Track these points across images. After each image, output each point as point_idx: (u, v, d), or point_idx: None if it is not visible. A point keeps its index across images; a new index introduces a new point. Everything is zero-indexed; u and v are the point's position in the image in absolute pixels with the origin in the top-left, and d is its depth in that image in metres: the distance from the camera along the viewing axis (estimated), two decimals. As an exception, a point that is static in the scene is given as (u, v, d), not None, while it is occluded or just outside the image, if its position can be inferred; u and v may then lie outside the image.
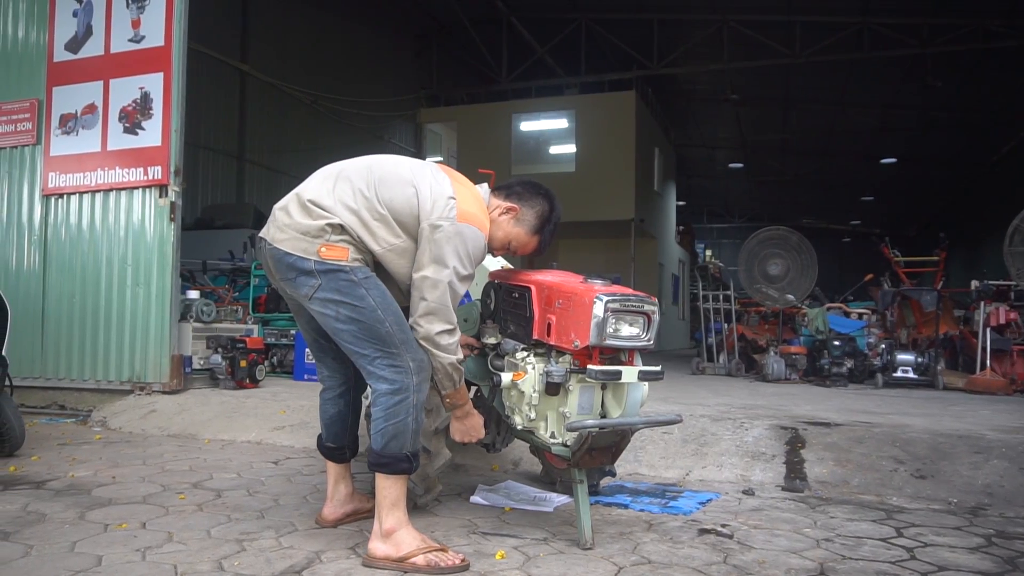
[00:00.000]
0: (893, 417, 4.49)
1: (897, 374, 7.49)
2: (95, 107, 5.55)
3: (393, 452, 2.25)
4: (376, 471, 2.28)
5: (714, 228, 34.69)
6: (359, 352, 2.28)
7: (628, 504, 3.01)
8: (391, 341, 2.25)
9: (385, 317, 2.25)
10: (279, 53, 14.08)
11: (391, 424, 2.25)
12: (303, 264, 2.25)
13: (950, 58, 13.92)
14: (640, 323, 2.37)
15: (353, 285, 2.25)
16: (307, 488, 3.21)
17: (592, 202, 15.37)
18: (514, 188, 2.63)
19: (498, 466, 3.70)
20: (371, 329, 2.24)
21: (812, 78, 16.28)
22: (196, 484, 3.23)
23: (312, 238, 2.25)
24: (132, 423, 4.84)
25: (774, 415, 4.39)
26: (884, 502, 3.20)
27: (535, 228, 2.61)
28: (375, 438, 2.28)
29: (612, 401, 2.47)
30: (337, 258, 2.24)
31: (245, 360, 5.57)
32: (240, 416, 4.74)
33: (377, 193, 2.30)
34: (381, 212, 2.28)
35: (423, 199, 2.29)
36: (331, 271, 2.24)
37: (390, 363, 2.26)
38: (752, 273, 9.02)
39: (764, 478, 3.51)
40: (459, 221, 2.29)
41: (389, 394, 2.25)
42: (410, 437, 2.27)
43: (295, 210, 2.31)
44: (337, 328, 2.28)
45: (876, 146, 20.71)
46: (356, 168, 2.38)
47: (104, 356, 5.41)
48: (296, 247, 2.26)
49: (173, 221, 5.27)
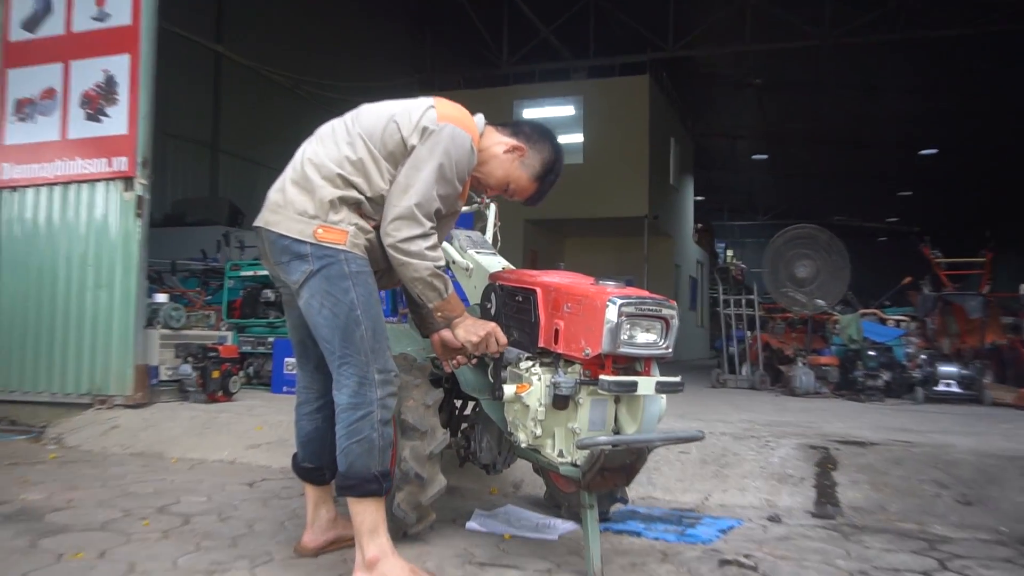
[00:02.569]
0: (935, 436, 4.47)
1: (939, 388, 7.47)
2: (54, 91, 5.55)
3: (359, 472, 2.26)
4: (344, 495, 2.29)
5: (736, 226, 34.69)
6: (328, 348, 2.33)
7: (641, 532, 2.99)
8: (360, 347, 2.30)
9: (362, 320, 2.30)
10: (258, 33, 14.10)
11: (354, 442, 2.27)
12: (298, 247, 2.31)
13: (995, 39, 13.89)
14: (658, 329, 2.36)
15: (342, 276, 2.30)
16: (285, 513, 3.19)
17: (601, 197, 15.37)
18: (522, 128, 2.67)
19: (497, 489, 3.68)
20: (345, 329, 2.29)
21: (843, 61, 16.28)
22: (162, 508, 3.21)
23: (309, 218, 2.31)
24: (91, 440, 4.82)
25: (803, 433, 4.37)
26: (925, 531, 3.18)
27: (538, 175, 2.66)
28: (339, 459, 2.30)
29: (627, 416, 2.46)
30: (334, 241, 2.31)
31: (218, 371, 5.55)
32: (212, 433, 4.72)
33: (361, 132, 2.39)
34: (371, 150, 2.37)
35: (401, 119, 2.38)
36: (326, 256, 2.30)
37: (354, 372, 2.29)
38: (778, 275, 9.00)
39: (792, 503, 3.49)
40: (439, 121, 2.38)
41: (350, 409, 2.29)
42: (377, 455, 2.29)
43: (290, 189, 2.38)
44: (316, 321, 2.33)
45: (915, 135, 20.70)
46: (332, 126, 2.48)
47: (61, 366, 5.40)
48: (291, 228, 2.32)
49: (140, 217, 5.26)
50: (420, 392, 2.70)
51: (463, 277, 3.24)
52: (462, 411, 3.41)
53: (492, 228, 3.62)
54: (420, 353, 2.93)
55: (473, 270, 3.18)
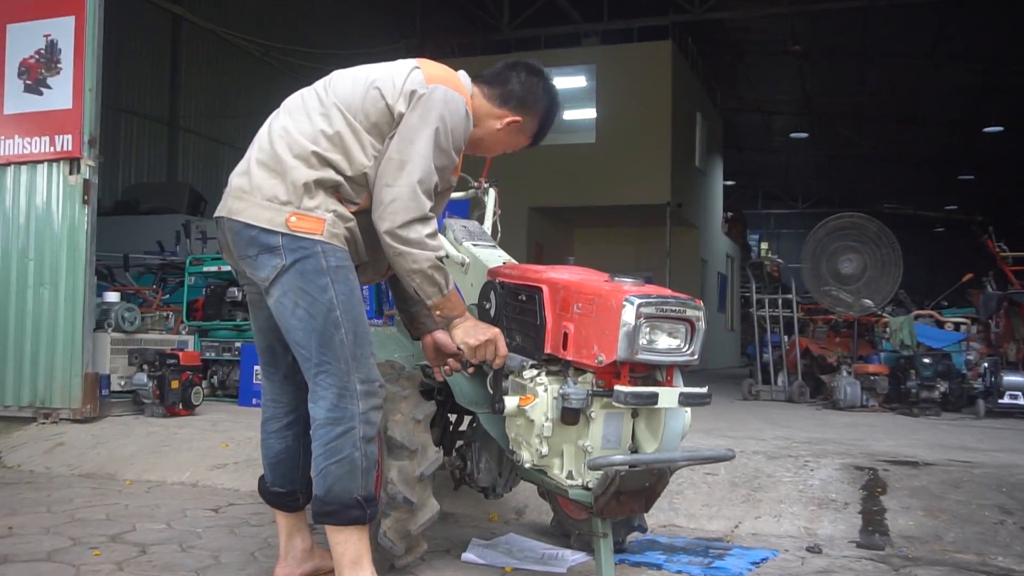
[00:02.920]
0: (998, 455, 4.49)
1: (1004, 400, 7.47)
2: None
3: (339, 497, 2.27)
4: (323, 523, 2.30)
5: (771, 215, 34.71)
6: (304, 354, 2.33)
7: (662, 564, 3.01)
8: (340, 354, 2.30)
9: (342, 322, 2.30)
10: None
11: (333, 463, 2.28)
12: (267, 239, 2.29)
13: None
14: (681, 333, 2.37)
15: (319, 273, 2.29)
16: (255, 542, 3.20)
17: (617, 182, 15.38)
18: (510, 89, 2.63)
19: (497, 515, 3.70)
20: (322, 332, 2.29)
21: (896, 26, 16.26)
22: (115, 537, 3.23)
23: (280, 205, 2.29)
24: (34, 459, 4.83)
25: (847, 452, 4.39)
26: (987, 563, 3.19)
27: (535, 133, 2.73)
28: (317, 482, 2.31)
29: (646, 432, 2.47)
30: (310, 231, 2.29)
31: (177, 380, 5.57)
32: (171, 451, 4.73)
33: (336, 101, 2.39)
34: (350, 121, 2.36)
35: (383, 85, 2.39)
36: (300, 248, 2.28)
37: (333, 382, 2.29)
38: (819, 271, 9.01)
39: (834, 531, 3.50)
40: (428, 83, 2.39)
41: (328, 424, 2.29)
42: (360, 478, 2.30)
43: (256, 172, 2.35)
44: (289, 324, 2.33)
45: (977, 112, 20.68)
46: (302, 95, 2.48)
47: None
48: (259, 217, 2.30)
49: (87, 204, 5.27)
50: (409, 405, 2.70)
51: (458, 273, 3.24)
52: (457, 427, 3.42)
53: (491, 217, 3.63)
54: (409, 360, 2.94)
55: (469, 265, 3.18)
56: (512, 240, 3.74)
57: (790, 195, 32.47)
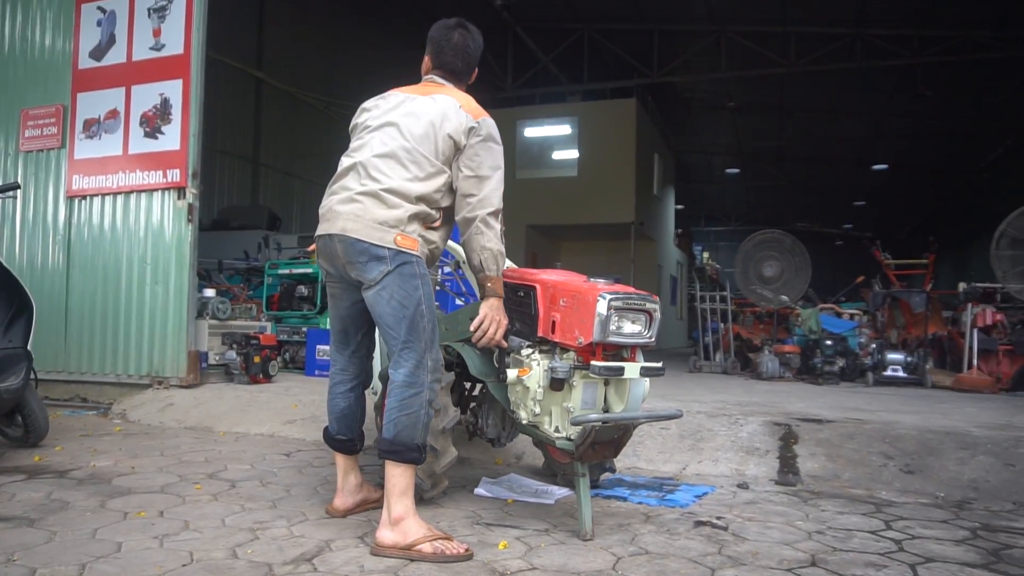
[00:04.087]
0: (883, 414, 4.48)
1: (887, 373, 7.48)
2: (117, 112, 5.56)
3: (404, 441, 2.28)
4: (387, 458, 2.29)
5: (711, 231, 34.60)
6: (393, 334, 2.34)
7: (627, 497, 3.01)
8: (423, 336, 2.33)
9: (426, 314, 2.35)
10: (293, 61, 14.12)
11: (404, 415, 2.28)
12: (377, 251, 2.32)
13: (940, 68, 13.86)
14: (642, 321, 2.37)
15: (413, 276, 2.34)
16: (317, 479, 3.21)
17: (594, 206, 15.38)
18: (447, 62, 2.66)
19: (502, 460, 3.70)
20: (412, 319, 2.32)
21: (807, 87, 16.24)
22: (211, 475, 3.24)
23: (389, 227, 2.33)
24: (150, 416, 4.85)
25: (768, 412, 4.39)
26: (874, 496, 3.20)
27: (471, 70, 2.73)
28: (387, 427, 2.30)
29: (615, 396, 2.47)
30: (410, 247, 2.34)
31: (258, 356, 5.57)
32: (253, 410, 4.74)
33: (421, 151, 2.41)
34: (433, 163, 2.41)
35: (451, 130, 2.41)
36: (402, 258, 2.32)
37: (413, 356, 2.32)
38: (748, 275, 9.01)
39: (758, 472, 3.51)
40: (476, 119, 2.45)
41: (405, 386, 2.30)
42: (420, 429, 2.31)
43: (368, 202, 2.37)
44: (383, 311, 2.34)
45: (868, 153, 20.65)
46: (383, 142, 2.44)
47: (124, 351, 5.42)
48: (372, 235, 2.33)
49: (191, 222, 5.28)
50: (435, 375, 2.71)
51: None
52: (471, 392, 3.43)
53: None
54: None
55: (481, 269, 3.18)
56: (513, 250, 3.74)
57: (726, 216, 32.38)
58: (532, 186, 15.77)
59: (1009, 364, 7.08)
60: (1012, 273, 7.29)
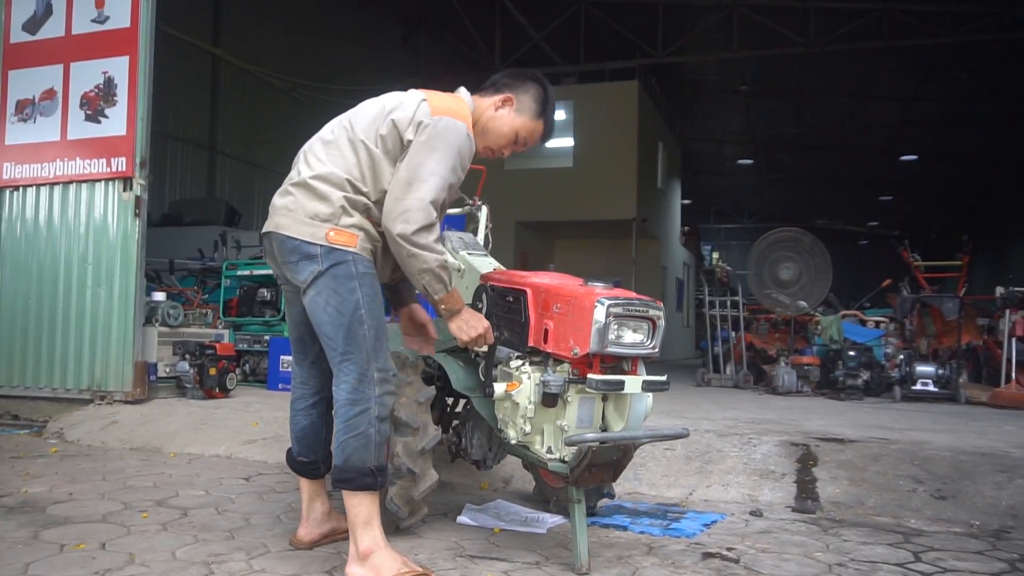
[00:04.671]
0: (912, 433, 4.51)
1: (916, 387, 7.53)
2: (54, 92, 5.53)
3: (356, 466, 2.28)
4: (340, 488, 2.31)
5: (722, 229, 34.79)
6: (332, 345, 2.34)
7: (627, 526, 3.02)
8: (362, 346, 2.32)
9: (366, 319, 2.32)
10: (254, 37, 14.07)
11: (352, 437, 2.29)
12: (308, 248, 2.33)
13: (975, 48, 14.00)
14: (644, 329, 2.37)
15: (349, 276, 2.32)
16: (281, 507, 3.20)
17: (591, 200, 15.41)
18: (499, 80, 2.67)
19: (488, 484, 3.70)
20: (349, 327, 2.31)
21: (828, 69, 16.36)
22: (160, 501, 3.22)
23: (321, 222, 2.33)
24: (91, 435, 4.81)
25: (784, 430, 4.41)
26: (901, 524, 3.22)
27: (538, 112, 2.63)
28: (336, 453, 2.32)
29: (614, 413, 2.48)
30: (345, 243, 2.33)
31: (215, 368, 5.54)
32: (209, 428, 4.71)
33: (362, 137, 2.40)
34: (372, 152, 2.38)
35: (397, 117, 2.39)
36: (334, 257, 2.31)
37: (354, 369, 2.31)
38: (762, 277, 9.04)
39: (773, 498, 3.52)
40: (433, 115, 2.38)
41: (349, 404, 2.31)
42: (373, 451, 2.31)
43: (299, 194, 2.38)
44: (320, 319, 2.35)
45: (896, 142, 20.82)
46: (332, 130, 2.48)
47: (61, 362, 5.39)
48: (303, 232, 2.34)
49: (138, 217, 5.25)
50: (412, 390, 2.71)
51: (455, 278, 3.25)
52: (453, 408, 3.43)
53: (484, 230, 3.63)
54: (412, 352, 2.95)
55: (465, 271, 3.18)
56: (502, 250, 3.74)
57: (738, 212, 32.59)
58: (522, 178, 15.78)
59: (1051, 377, 7.15)
60: (1054, 276, 7.37)
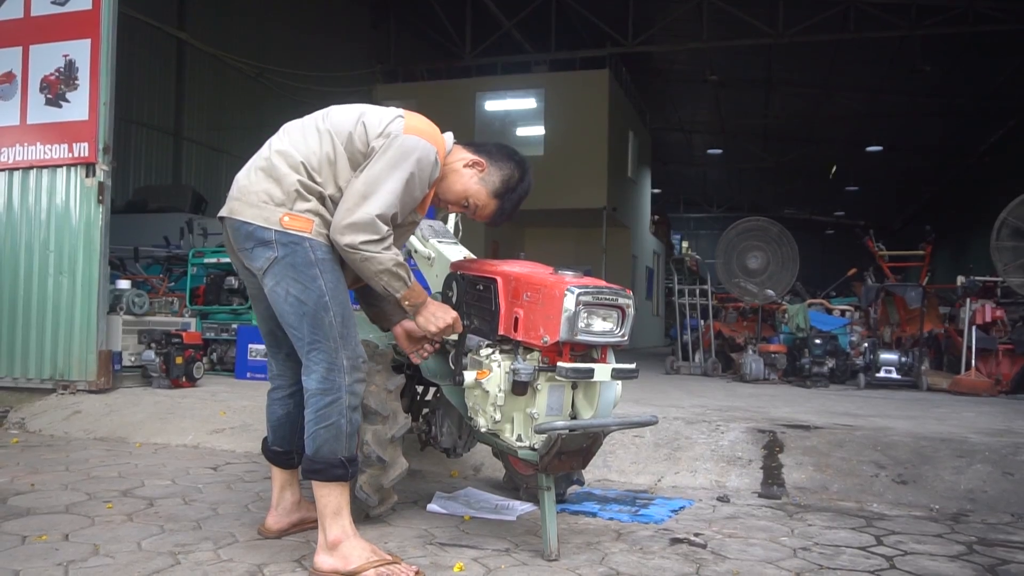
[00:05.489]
0: (875, 420, 4.60)
1: (880, 374, 7.66)
2: (13, 75, 5.41)
3: (326, 457, 2.26)
4: (310, 479, 2.29)
5: (691, 218, 35.05)
6: (297, 335, 2.30)
7: (596, 512, 3.03)
8: (329, 333, 2.27)
9: (331, 306, 2.28)
10: (221, 20, 13.85)
11: (322, 427, 2.27)
12: (262, 234, 2.26)
13: (939, 41, 14.23)
14: (614, 317, 2.38)
15: (308, 264, 2.26)
16: (249, 496, 3.18)
17: (561, 188, 15.39)
18: (487, 146, 2.62)
19: (457, 472, 3.70)
20: (314, 316, 2.27)
21: (796, 60, 16.53)
22: (126, 492, 3.18)
23: (275, 206, 2.27)
24: (54, 425, 4.74)
25: (751, 417, 4.47)
26: (864, 509, 3.28)
27: (497, 191, 2.56)
28: (307, 443, 2.29)
29: (583, 401, 2.49)
30: (300, 229, 2.26)
31: (181, 357, 5.49)
32: (175, 418, 4.66)
33: (330, 128, 2.34)
34: (336, 146, 2.32)
35: (369, 121, 2.34)
36: (291, 243, 2.25)
37: (322, 358, 2.28)
38: (730, 266, 9.14)
39: (740, 484, 3.57)
40: (405, 132, 2.32)
41: (319, 394, 2.27)
42: (344, 441, 2.28)
43: (255, 177, 2.33)
44: (283, 309, 2.30)
45: (862, 133, 21.11)
46: (301, 122, 2.43)
47: (23, 351, 5.29)
48: (256, 216, 2.27)
49: (101, 203, 5.16)
50: (382, 378, 2.70)
51: (425, 266, 3.24)
52: (423, 396, 3.42)
53: (454, 218, 3.62)
54: (382, 339, 2.93)
55: (435, 259, 3.17)
56: (472, 238, 3.74)
57: (707, 201, 32.82)
58: (493, 166, 15.75)
59: (1009, 365, 7.32)
60: (1013, 266, 7.53)
